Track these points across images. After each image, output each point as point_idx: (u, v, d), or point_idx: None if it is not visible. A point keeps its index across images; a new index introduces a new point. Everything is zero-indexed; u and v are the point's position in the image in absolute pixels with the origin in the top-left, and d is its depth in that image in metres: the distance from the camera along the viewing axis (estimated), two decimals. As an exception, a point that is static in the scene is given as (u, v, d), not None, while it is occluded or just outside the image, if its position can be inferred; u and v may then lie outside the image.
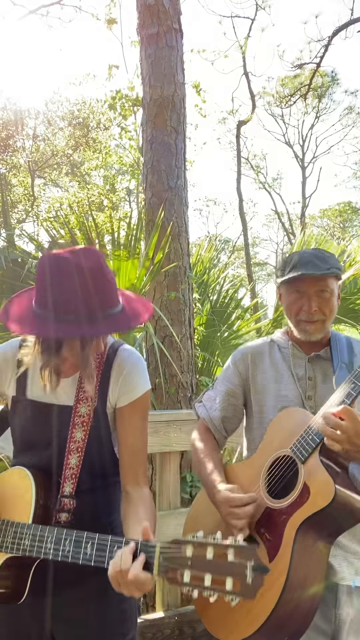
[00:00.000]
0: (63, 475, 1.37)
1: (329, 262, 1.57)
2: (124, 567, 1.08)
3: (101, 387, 1.42)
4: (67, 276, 1.22)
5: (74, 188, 18.73)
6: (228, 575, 0.96)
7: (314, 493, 1.33)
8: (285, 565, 1.29)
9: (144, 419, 1.47)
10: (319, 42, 9.47)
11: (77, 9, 9.79)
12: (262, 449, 1.53)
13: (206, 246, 5.51)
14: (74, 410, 1.39)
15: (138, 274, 3.39)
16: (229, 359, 1.78)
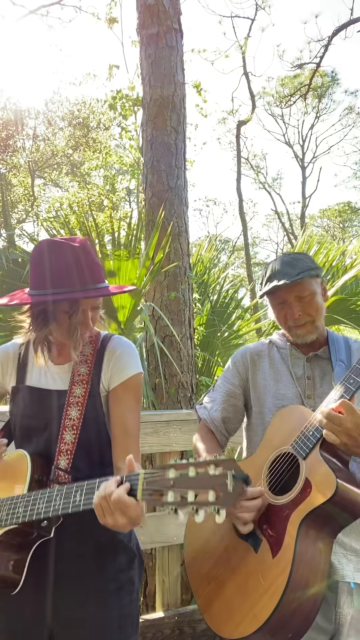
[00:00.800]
0: (58, 449, 1.42)
1: (298, 266, 1.60)
2: (107, 491, 1.13)
3: (95, 370, 1.50)
4: (61, 253, 1.39)
5: (74, 188, 18.73)
6: (210, 488, 1.00)
7: (316, 487, 1.34)
8: (288, 561, 1.30)
9: (136, 400, 1.51)
10: (319, 42, 9.47)
11: (77, 9, 9.78)
12: (262, 448, 1.55)
13: (206, 246, 5.51)
14: (69, 392, 1.47)
15: (138, 274, 3.38)
16: (229, 360, 1.81)
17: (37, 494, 1.31)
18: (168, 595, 2.45)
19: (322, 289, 1.66)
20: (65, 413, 1.45)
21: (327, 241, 4.85)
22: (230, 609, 1.39)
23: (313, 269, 1.61)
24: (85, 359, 1.51)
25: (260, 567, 1.37)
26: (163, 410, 3.56)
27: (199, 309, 4.50)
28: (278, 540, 1.36)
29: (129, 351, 1.53)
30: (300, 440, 1.43)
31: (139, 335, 3.73)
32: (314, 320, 1.61)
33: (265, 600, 1.30)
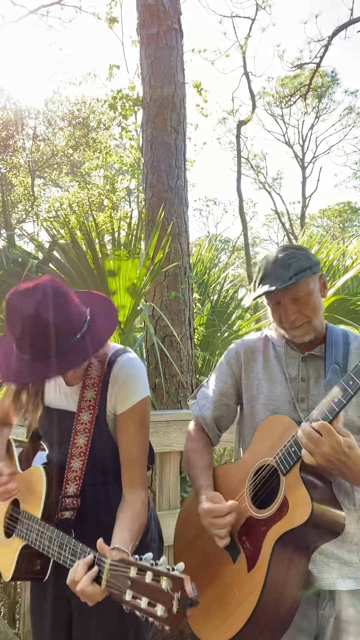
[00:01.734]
0: (65, 477, 1.48)
1: (293, 266, 1.48)
2: (76, 578, 1.21)
3: (101, 395, 1.49)
4: (26, 325, 1.26)
5: (74, 188, 18.72)
6: (160, 601, 1.01)
7: (292, 509, 1.32)
8: (261, 578, 1.31)
9: (141, 427, 1.51)
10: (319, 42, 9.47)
11: (77, 9, 9.76)
12: (249, 454, 1.53)
13: (206, 246, 5.51)
14: (77, 418, 1.48)
15: (138, 274, 3.38)
16: (223, 356, 1.75)
17: (47, 529, 1.42)
18: (168, 595, 2.45)
19: (321, 284, 1.56)
20: (72, 441, 1.48)
21: (327, 241, 4.85)
22: (208, 614, 1.43)
23: (309, 267, 1.49)
24: (92, 382, 1.49)
25: (237, 578, 1.40)
26: (163, 410, 3.56)
27: (199, 309, 4.50)
28: (254, 555, 1.37)
29: (132, 377, 1.49)
30: (282, 455, 1.39)
31: (139, 335, 3.73)
32: (311, 321, 1.52)
33: (237, 613, 1.34)
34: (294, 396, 1.54)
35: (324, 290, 1.57)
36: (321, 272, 1.56)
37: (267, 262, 1.55)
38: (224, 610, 1.39)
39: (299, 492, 1.32)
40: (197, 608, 1.47)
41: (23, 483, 1.59)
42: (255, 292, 1.52)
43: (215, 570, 1.47)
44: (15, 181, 18.36)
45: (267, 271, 1.52)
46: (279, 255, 1.53)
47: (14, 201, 17.75)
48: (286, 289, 1.46)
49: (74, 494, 1.47)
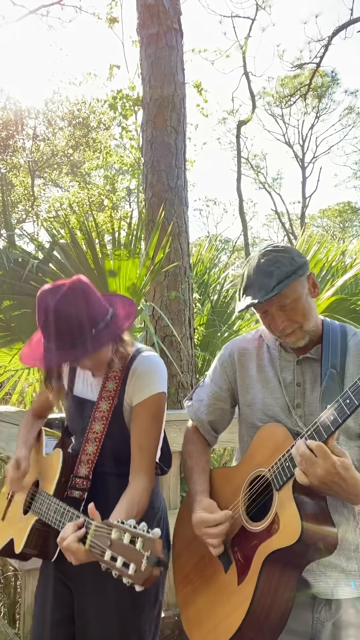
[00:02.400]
0: (79, 459, 1.59)
1: (275, 273, 1.39)
2: (64, 535, 1.32)
3: (121, 387, 1.59)
4: (48, 318, 1.43)
5: (74, 188, 18.72)
6: (132, 560, 1.09)
7: (282, 528, 1.30)
8: (249, 593, 1.30)
9: (154, 420, 1.59)
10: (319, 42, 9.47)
11: (77, 9, 9.76)
12: (245, 462, 1.50)
13: (206, 246, 5.51)
14: (96, 406, 1.60)
15: (139, 274, 3.38)
16: (217, 356, 1.70)
17: (55, 502, 1.53)
18: (168, 595, 2.45)
19: (310, 284, 1.48)
20: (90, 427, 1.60)
21: (327, 241, 4.85)
22: (200, 619, 1.45)
23: (294, 271, 1.40)
24: (115, 375, 1.60)
25: (227, 589, 1.40)
26: (163, 410, 3.55)
27: (199, 309, 4.50)
28: (245, 568, 1.36)
29: (150, 371, 1.59)
30: (276, 470, 1.36)
31: (139, 335, 3.73)
32: (302, 326, 1.44)
33: (226, 623, 1.34)
34: (289, 402, 1.49)
35: (315, 289, 1.49)
36: (310, 272, 1.48)
37: (249, 270, 1.47)
38: (214, 618, 1.40)
39: (290, 510, 1.29)
40: (191, 610, 1.49)
41: (45, 466, 1.70)
42: (239, 305, 1.46)
43: (209, 576, 1.48)
44: (15, 181, 18.36)
45: (250, 280, 1.44)
46: (260, 261, 1.44)
47: (14, 201, 17.74)
48: (270, 299, 1.39)
49: (84, 476, 1.57)
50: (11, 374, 3.84)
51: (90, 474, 1.58)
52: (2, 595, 3.09)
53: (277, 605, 1.31)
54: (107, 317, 1.50)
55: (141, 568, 1.07)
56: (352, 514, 1.45)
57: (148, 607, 1.59)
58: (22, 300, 3.35)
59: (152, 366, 1.60)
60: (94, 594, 1.56)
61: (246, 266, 1.50)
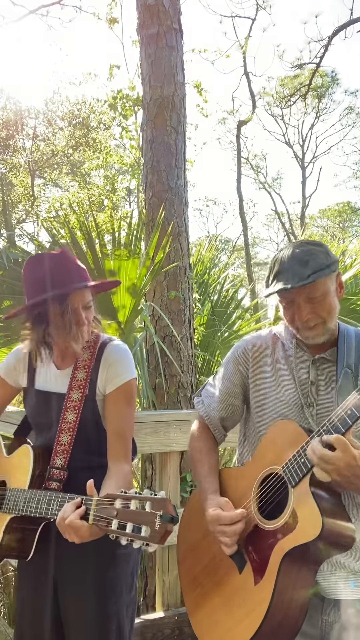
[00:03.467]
0: (54, 450, 1.59)
1: (310, 264, 1.39)
2: (65, 515, 1.32)
3: (92, 376, 1.62)
4: (41, 263, 1.55)
5: (74, 188, 18.72)
6: (144, 523, 1.12)
7: (302, 523, 1.28)
8: (268, 593, 1.29)
9: (129, 405, 1.62)
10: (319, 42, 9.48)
11: (77, 9, 9.77)
12: (255, 460, 1.49)
13: (206, 246, 5.50)
14: (67, 396, 1.61)
15: (138, 274, 3.38)
16: (230, 352, 1.68)
17: (35, 493, 1.53)
18: (168, 595, 2.45)
19: (338, 284, 1.48)
20: (62, 417, 1.60)
21: (326, 241, 4.84)
22: (213, 622, 1.43)
23: (328, 265, 1.40)
24: (84, 364, 1.63)
25: (243, 589, 1.37)
26: (163, 410, 3.56)
27: (199, 309, 4.50)
28: (261, 567, 1.34)
29: (123, 358, 1.64)
30: (291, 466, 1.34)
31: (139, 335, 3.73)
32: (325, 322, 1.44)
33: (244, 625, 1.32)
34: (303, 400, 1.48)
35: (341, 290, 1.49)
36: (338, 272, 1.48)
37: (283, 257, 1.45)
38: (229, 620, 1.37)
39: (309, 506, 1.27)
40: (202, 613, 1.47)
41: (10, 465, 1.68)
42: (270, 289, 1.44)
43: (222, 577, 1.45)
44: (15, 181, 18.35)
45: (283, 266, 1.43)
46: (296, 250, 1.44)
47: (14, 201, 17.74)
48: (302, 287, 1.39)
49: (61, 467, 1.58)
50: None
51: (66, 465, 1.59)
52: (2, 595, 3.09)
53: (295, 604, 1.31)
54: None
55: (155, 527, 1.10)
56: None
57: (125, 591, 1.62)
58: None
59: (125, 353, 1.65)
60: (74, 584, 1.58)
61: (279, 254, 1.49)
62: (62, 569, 1.60)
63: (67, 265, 1.56)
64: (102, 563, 1.60)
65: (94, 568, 1.59)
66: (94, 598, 1.57)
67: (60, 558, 1.61)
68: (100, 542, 1.58)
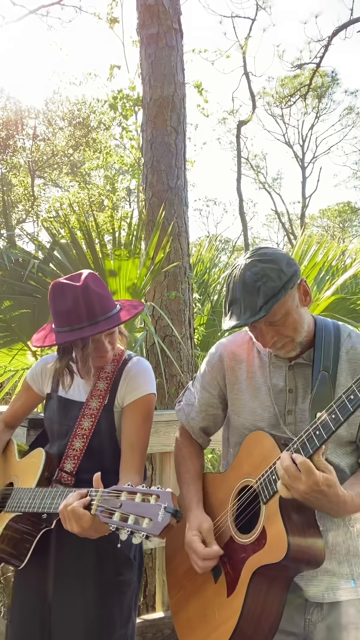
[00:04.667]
0: (65, 454, 1.61)
1: (262, 292, 1.30)
2: (68, 502, 1.30)
3: (112, 387, 1.64)
4: (63, 296, 1.52)
5: (74, 188, 18.71)
6: (146, 515, 1.13)
7: (269, 543, 1.28)
8: (238, 607, 1.31)
9: (145, 420, 1.63)
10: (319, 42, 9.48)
11: (77, 9, 9.77)
12: (233, 470, 1.48)
13: (206, 246, 5.51)
14: (86, 404, 1.63)
15: (139, 274, 3.38)
16: (206, 357, 1.64)
17: (41, 490, 1.52)
18: (168, 595, 2.45)
19: (302, 293, 1.39)
20: (78, 423, 1.62)
21: (326, 241, 4.85)
22: (191, 627, 1.46)
23: (283, 286, 1.30)
24: (106, 375, 1.66)
25: (217, 600, 1.39)
26: (163, 410, 3.56)
27: (199, 309, 4.50)
28: (233, 581, 1.36)
29: (144, 373, 1.66)
30: (263, 482, 1.33)
31: (139, 335, 3.73)
32: (293, 339, 1.39)
33: (215, 635, 1.35)
34: (279, 410, 1.45)
35: (307, 297, 1.41)
36: (300, 280, 1.38)
37: (234, 283, 1.37)
38: (205, 627, 1.40)
39: (277, 526, 1.27)
40: (183, 618, 1.50)
41: (21, 467, 1.70)
42: (225, 323, 1.37)
43: (200, 584, 1.47)
44: (15, 181, 18.35)
45: (234, 295, 1.35)
46: (247, 273, 1.33)
47: (14, 201, 17.74)
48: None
49: (70, 472, 1.59)
50: (11, 374, 3.84)
51: (75, 471, 1.59)
52: (2, 595, 3.09)
53: (266, 617, 1.32)
54: (117, 304, 1.63)
55: (158, 520, 1.11)
56: (342, 519, 1.44)
57: (120, 624, 1.57)
58: (22, 300, 3.36)
59: (145, 368, 1.68)
60: (66, 613, 1.54)
61: (230, 278, 1.40)
62: (59, 590, 1.56)
63: (89, 299, 1.52)
64: (99, 590, 1.55)
65: (90, 595, 1.54)
66: (84, 630, 1.53)
67: (59, 577, 1.56)
68: (101, 565, 1.56)
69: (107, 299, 1.58)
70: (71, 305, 1.51)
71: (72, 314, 1.51)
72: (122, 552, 1.59)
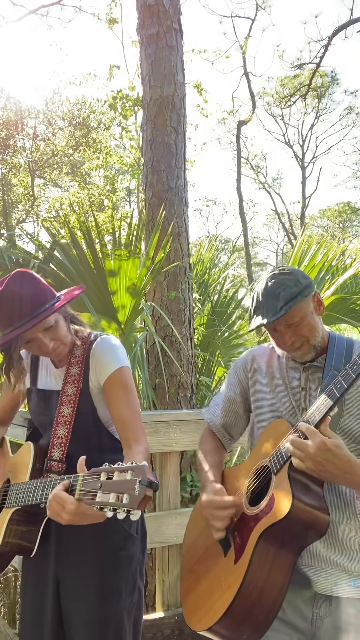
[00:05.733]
0: (51, 443, 1.63)
1: (282, 295, 1.50)
2: (54, 491, 1.33)
3: (84, 370, 1.66)
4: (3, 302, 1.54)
5: (74, 188, 18.72)
6: (125, 491, 1.15)
7: (276, 505, 1.37)
8: (243, 570, 1.36)
9: (126, 391, 1.64)
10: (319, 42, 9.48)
11: (77, 9, 9.77)
12: (252, 456, 1.59)
13: (206, 246, 5.51)
14: (62, 391, 1.66)
15: (139, 274, 3.39)
16: (232, 364, 1.81)
17: (34, 482, 1.56)
18: (168, 595, 2.45)
19: (316, 302, 1.58)
20: (58, 411, 1.65)
21: (326, 241, 4.85)
22: (197, 603, 1.52)
23: (299, 292, 1.51)
24: (77, 360, 1.68)
25: (225, 570, 1.46)
26: (163, 410, 3.56)
27: (199, 309, 4.50)
28: (241, 548, 1.43)
29: (108, 350, 1.67)
30: (275, 456, 1.45)
31: (139, 335, 3.73)
32: (309, 340, 1.55)
33: (219, 602, 1.40)
34: (295, 405, 1.58)
35: (320, 307, 1.59)
36: (314, 291, 1.57)
37: (258, 292, 1.58)
38: (210, 599, 1.46)
39: (284, 489, 1.37)
40: (191, 599, 1.56)
41: (14, 463, 1.73)
42: (252, 324, 1.56)
43: (211, 564, 1.54)
44: (15, 181, 18.35)
45: (259, 302, 1.55)
46: (268, 283, 1.55)
47: (14, 201, 17.74)
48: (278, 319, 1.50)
49: (59, 459, 1.61)
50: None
51: (64, 457, 1.61)
52: (2, 595, 3.09)
53: (270, 586, 1.36)
54: (55, 297, 1.61)
55: (135, 493, 1.13)
56: (354, 514, 1.48)
57: (125, 595, 1.62)
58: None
59: (108, 346, 1.68)
60: (73, 584, 1.61)
61: (255, 288, 1.60)
62: (64, 568, 1.63)
63: (14, 299, 1.54)
64: (102, 564, 1.61)
65: (94, 569, 1.61)
66: (92, 599, 1.59)
67: (61, 557, 1.63)
68: (101, 543, 1.61)
69: (32, 297, 1.55)
70: (13, 308, 1.55)
71: (2, 320, 1.55)
72: (122, 528, 1.63)
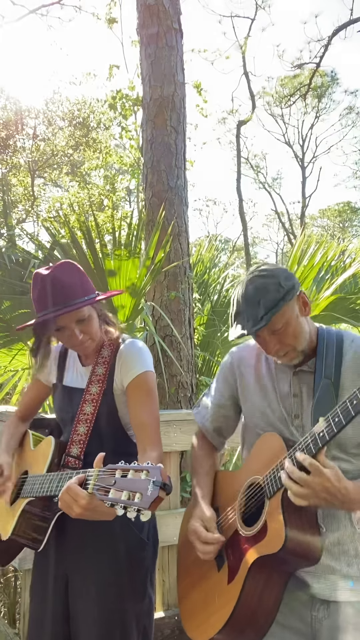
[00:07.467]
0: (70, 439, 1.65)
1: (262, 304, 1.39)
2: (68, 484, 1.33)
3: (110, 372, 1.68)
4: (35, 284, 1.60)
5: (74, 188, 18.71)
6: (138, 490, 1.15)
7: (269, 536, 1.35)
8: (236, 593, 1.38)
9: (148, 396, 1.65)
10: (319, 42, 9.48)
11: (77, 9, 9.78)
12: (244, 468, 1.57)
13: (206, 246, 5.51)
14: (86, 390, 1.68)
15: (139, 274, 3.39)
16: (219, 367, 1.76)
17: (50, 474, 1.57)
18: (168, 595, 2.45)
19: (301, 304, 1.47)
20: (80, 408, 1.66)
21: (326, 240, 4.85)
22: (193, 612, 1.54)
23: (282, 297, 1.39)
24: (104, 360, 1.70)
25: (218, 587, 1.47)
26: (163, 410, 3.56)
27: (199, 308, 4.50)
28: (234, 569, 1.43)
29: (135, 353, 1.68)
30: (269, 479, 1.40)
31: (139, 335, 3.73)
32: (295, 347, 1.46)
33: (213, 620, 1.43)
34: (287, 413, 1.51)
35: (306, 308, 1.49)
36: (299, 292, 1.46)
37: (238, 297, 1.47)
38: (205, 612, 1.48)
39: (277, 520, 1.34)
40: (187, 602, 1.58)
41: (34, 456, 1.75)
42: (232, 333, 1.47)
43: (205, 572, 1.55)
44: (15, 181, 18.34)
45: (239, 308, 1.46)
46: (248, 287, 1.44)
47: (14, 201, 17.74)
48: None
49: (76, 456, 1.64)
50: (11, 374, 3.85)
51: (82, 455, 1.63)
52: (2, 595, 3.09)
53: (263, 608, 1.38)
54: (94, 293, 1.66)
55: (147, 493, 1.13)
56: (350, 521, 1.46)
57: (134, 598, 1.62)
58: (22, 300, 3.35)
59: (136, 349, 1.70)
60: (82, 584, 1.61)
61: (235, 291, 1.50)
62: (73, 568, 1.63)
63: (56, 285, 1.57)
64: (112, 567, 1.61)
65: (103, 572, 1.60)
66: (99, 602, 1.58)
67: (72, 557, 1.63)
68: (112, 546, 1.61)
69: (73, 287, 1.59)
70: (38, 294, 1.59)
71: (41, 302, 1.58)
72: (133, 532, 1.63)
